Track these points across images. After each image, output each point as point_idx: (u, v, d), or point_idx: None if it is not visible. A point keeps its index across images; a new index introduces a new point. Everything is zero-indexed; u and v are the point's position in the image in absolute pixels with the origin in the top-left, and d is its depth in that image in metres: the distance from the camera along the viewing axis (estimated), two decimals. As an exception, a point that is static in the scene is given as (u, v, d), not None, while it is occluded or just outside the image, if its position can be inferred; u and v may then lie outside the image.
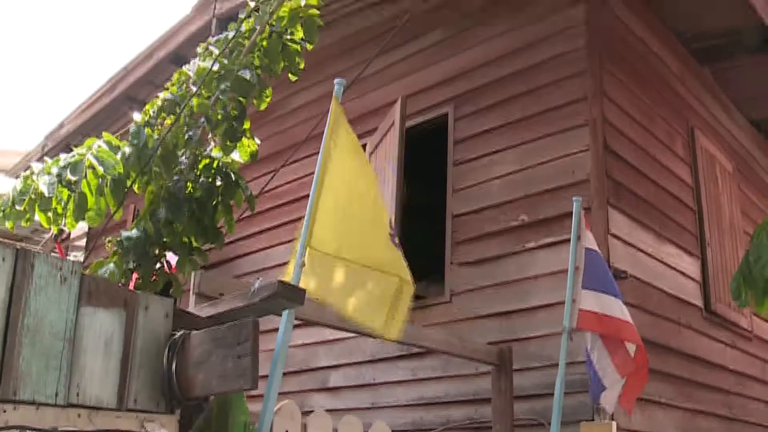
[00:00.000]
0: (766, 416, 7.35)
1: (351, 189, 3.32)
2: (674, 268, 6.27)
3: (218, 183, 4.17)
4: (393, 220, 3.35)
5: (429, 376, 6.03)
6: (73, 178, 3.58)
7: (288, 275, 3.05)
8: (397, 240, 3.26)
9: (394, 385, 6.25)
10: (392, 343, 5.05)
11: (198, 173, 4.12)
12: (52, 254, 2.63)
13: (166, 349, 2.73)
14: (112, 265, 3.90)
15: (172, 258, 4.30)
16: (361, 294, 3.16)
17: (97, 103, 9.41)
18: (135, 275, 4.05)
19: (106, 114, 9.37)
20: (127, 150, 3.75)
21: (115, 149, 3.76)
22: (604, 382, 4.47)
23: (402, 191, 6.21)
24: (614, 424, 4.96)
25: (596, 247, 4.62)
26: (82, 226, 10.75)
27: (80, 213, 3.67)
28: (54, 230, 3.91)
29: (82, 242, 11.41)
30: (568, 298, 4.45)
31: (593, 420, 5.04)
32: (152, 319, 2.75)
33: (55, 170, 3.65)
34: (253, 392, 2.76)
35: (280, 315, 3.05)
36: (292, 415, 3.42)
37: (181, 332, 2.75)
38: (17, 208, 3.67)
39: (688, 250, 6.55)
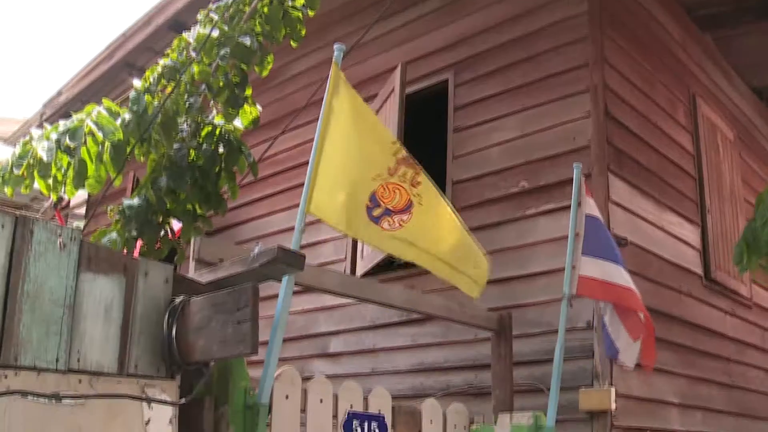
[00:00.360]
0: (765, 384, 7.39)
1: (351, 154, 3.31)
2: (674, 236, 6.27)
3: (221, 150, 4.17)
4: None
5: (429, 342, 6.05)
6: (72, 144, 3.57)
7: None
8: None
9: (394, 351, 6.28)
10: (392, 309, 5.08)
11: (200, 141, 4.12)
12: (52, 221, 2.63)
13: (166, 315, 2.73)
14: (114, 233, 3.91)
15: (177, 225, 4.31)
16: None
17: (96, 70, 9.35)
18: (139, 243, 4.06)
19: (104, 81, 9.33)
20: (127, 116, 3.73)
21: (114, 115, 3.75)
22: (617, 345, 4.49)
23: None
24: (613, 390, 4.99)
25: (598, 214, 4.61)
26: (82, 194, 10.74)
27: (80, 180, 3.67)
28: (53, 197, 3.90)
29: (82, 210, 11.39)
30: (568, 264, 4.44)
31: (592, 386, 5.07)
32: (152, 285, 2.75)
33: (54, 136, 3.64)
34: (254, 358, 2.77)
35: (280, 281, 3.06)
36: (293, 380, 3.43)
37: (181, 298, 2.75)
38: (15, 172, 3.66)
39: (688, 218, 6.55)
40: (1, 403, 2.27)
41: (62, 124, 3.71)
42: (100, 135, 3.65)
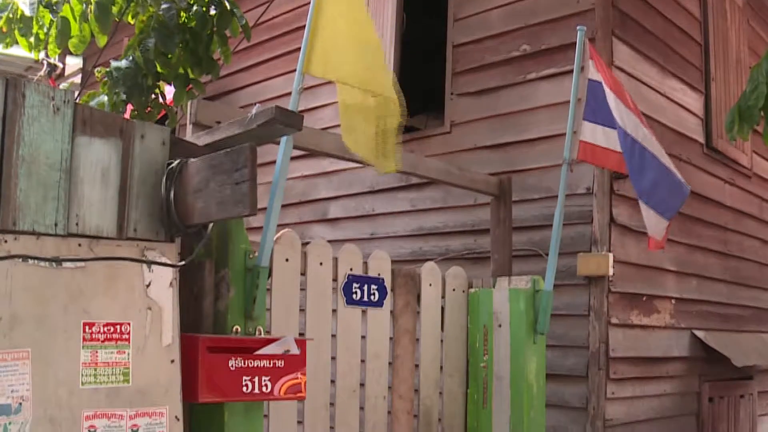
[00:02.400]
0: (760, 253, 7.45)
1: (350, 14, 3.23)
2: (677, 103, 6.19)
3: (212, 12, 4.07)
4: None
5: (428, 207, 6.08)
6: (55, -1, 3.47)
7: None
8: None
9: (393, 215, 6.31)
10: (391, 173, 5.06)
11: (191, 2, 4.01)
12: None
13: (164, 178, 2.71)
14: (103, 96, 3.86)
15: (170, 92, 4.24)
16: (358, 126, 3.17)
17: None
18: (130, 107, 4.01)
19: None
20: (113, -28, 3.62)
21: (100, -28, 3.63)
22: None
23: (402, 23, 6.06)
24: (611, 255, 5.03)
25: (600, 78, 4.51)
26: (77, 62, 10.55)
27: (63, 39, 3.59)
28: (34, 56, 3.82)
29: (77, 79, 11.22)
30: (569, 129, 4.39)
31: (590, 251, 5.11)
32: (149, 148, 2.72)
33: (36, -9, 3.54)
34: (253, 224, 2.76)
35: (278, 142, 3.02)
36: (292, 243, 3.44)
37: (179, 160, 2.72)
38: (-5, 24, 3.57)
39: (692, 85, 6.44)
40: (2, 267, 2.28)
41: (45, -21, 3.60)
42: (83, -8, 3.55)
